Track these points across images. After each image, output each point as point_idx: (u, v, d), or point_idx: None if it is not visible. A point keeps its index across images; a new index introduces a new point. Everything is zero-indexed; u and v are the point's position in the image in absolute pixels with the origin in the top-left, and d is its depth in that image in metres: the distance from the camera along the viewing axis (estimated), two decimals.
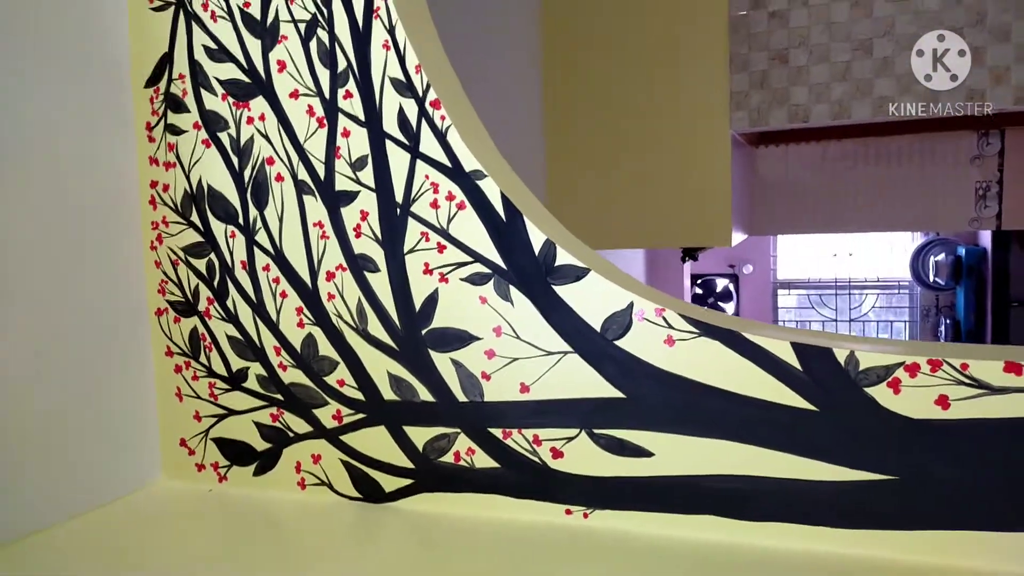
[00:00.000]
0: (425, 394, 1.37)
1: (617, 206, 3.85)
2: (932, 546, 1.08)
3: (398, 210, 1.37)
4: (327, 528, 1.41)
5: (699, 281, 7.37)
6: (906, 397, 1.08)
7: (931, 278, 6.57)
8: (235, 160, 1.49)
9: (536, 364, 1.29)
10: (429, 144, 1.34)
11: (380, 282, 1.39)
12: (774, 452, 1.16)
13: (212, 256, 1.53)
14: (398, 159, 1.37)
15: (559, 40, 3.86)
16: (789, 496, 1.15)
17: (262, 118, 1.46)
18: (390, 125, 1.37)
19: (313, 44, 1.42)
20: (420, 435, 1.38)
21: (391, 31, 1.36)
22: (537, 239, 1.28)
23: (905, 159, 4.62)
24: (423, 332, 1.36)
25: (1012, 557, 1.05)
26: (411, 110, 1.35)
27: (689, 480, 1.21)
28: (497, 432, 1.33)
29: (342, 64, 1.40)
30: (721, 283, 7.32)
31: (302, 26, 1.42)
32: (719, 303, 7.36)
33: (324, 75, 1.42)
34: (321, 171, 1.43)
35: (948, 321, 6.69)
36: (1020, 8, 3.17)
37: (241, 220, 1.49)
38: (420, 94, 1.35)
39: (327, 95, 1.41)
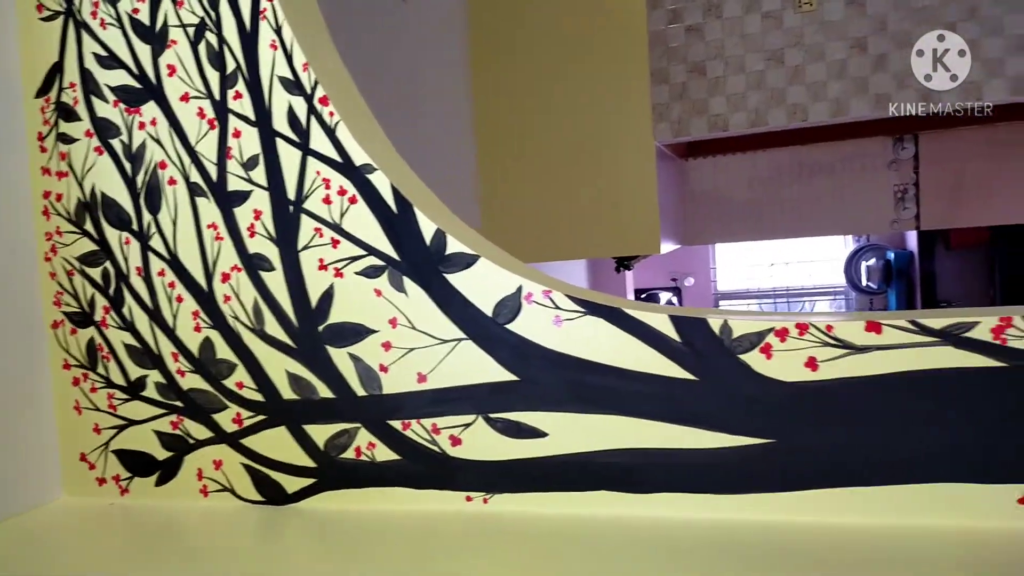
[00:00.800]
0: (324, 391, 1.37)
1: (549, 219, 3.90)
2: (809, 505, 1.11)
3: (291, 207, 1.37)
4: (230, 535, 1.38)
5: (643, 295, 7.47)
6: (778, 361, 1.12)
7: (864, 283, 6.79)
8: (128, 166, 1.48)
9: (432, 353, 1.30)
10: (319, 140, 1.36)
11: (276, 281, 1.39)
12: (659, 423, 1.18)
13: (107, 264, 1.50)
14: (289, 157, 1.37)
15: (487, 58, 3.93)
16: (675, 466, 1.17)
17: (153, 123, 1.46)
18: (280, 123, 1.38)
19: (202, 47, 1.42)
20: (321, 433, 1.38)
21: (278, 31, 1.37)
22: (428, 229, 1.30)
23: (827, 166, 4.80)
24: (320, 328, 1.36)
25: (882, 510, 1.08)
26: (300, 108, 1.37)
27: (582, 458, 1.23)
28: (396, 424, 1.33)
29: (231, 66, 1.41)
30: (664, 296, 7.43)
31: (191, 30, 1.43)
32: None
33: (214, 77, 1.42)
34: (213, 172, 1.42)
35: None
36: (919, 16, 3.35)
37: (135, 226, 1.48)
38: (308, 91, 1.36)
39: (217, 97, 1.42)
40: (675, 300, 7.44)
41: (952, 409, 1.05)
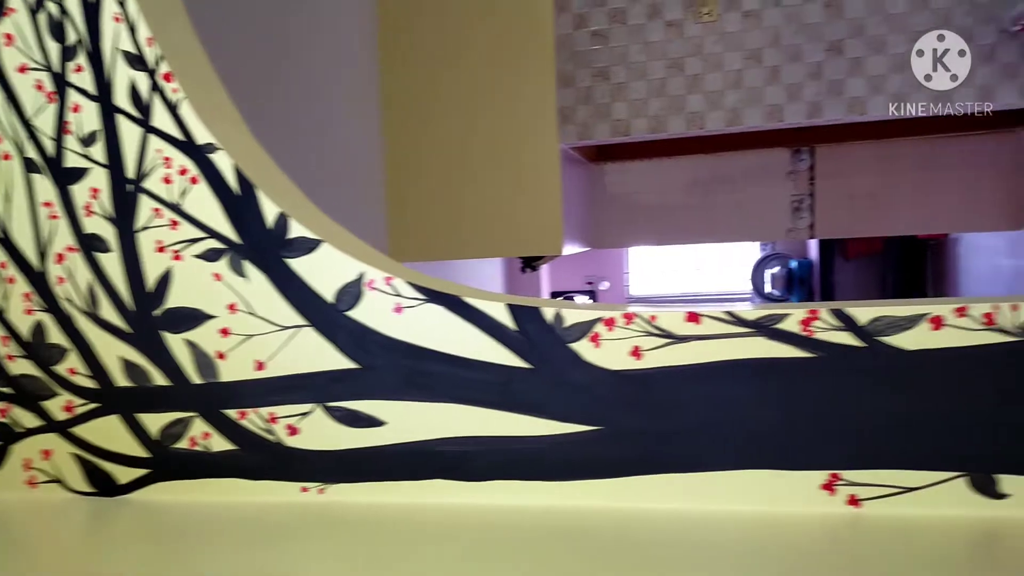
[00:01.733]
0: (159, 378, 1.32)
1: (454, 218, 3.89)
2: (631, 491, 1.14)
3: (130, 186, 1.32)
4: (57, 527, 1.32)
5: (558, 298, 7.54)
6: (605, 350, 1.14)
7: (768, 289, 7.04)
8: None
9: (271, 340, 1.27)
10: (161, 118, 1.31)
11: (112, 262, 1.33)
12: (495, 411, 1.18)
13: None
14: (129, 134, 1.32)
15: (396, 57, 3.89)
16: (508, 453, 1.18)
17: None
18: (121, 99, 1.32)
19: (42, 17, 1.35)
20: (155, 421, 1.32)
21: (122, 3, 1.31)
22: (270, 212, 1.27)
23: (730, 176, 4.96)
24: (156, 313, 1.31)
25: (697, 496, 1.12)
26: (143, 83, 1.31)
27: (419, 446, 1.22)
28: (233, 413, 1.29)
29: (72, 37, 1.34)
30: (579, 299, 7.52)
31: None
32: None
33: (54, 49, 1.35)
34: (50, 148, 1.35)
35: None
36: (809, 32, 3.49)
37: None
38: (152, 66, 1.31)
39: (57, 69, 1.35)
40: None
41: (763, 398, 1.09)
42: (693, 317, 1.11)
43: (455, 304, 1.19)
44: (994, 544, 1.04)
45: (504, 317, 1.18)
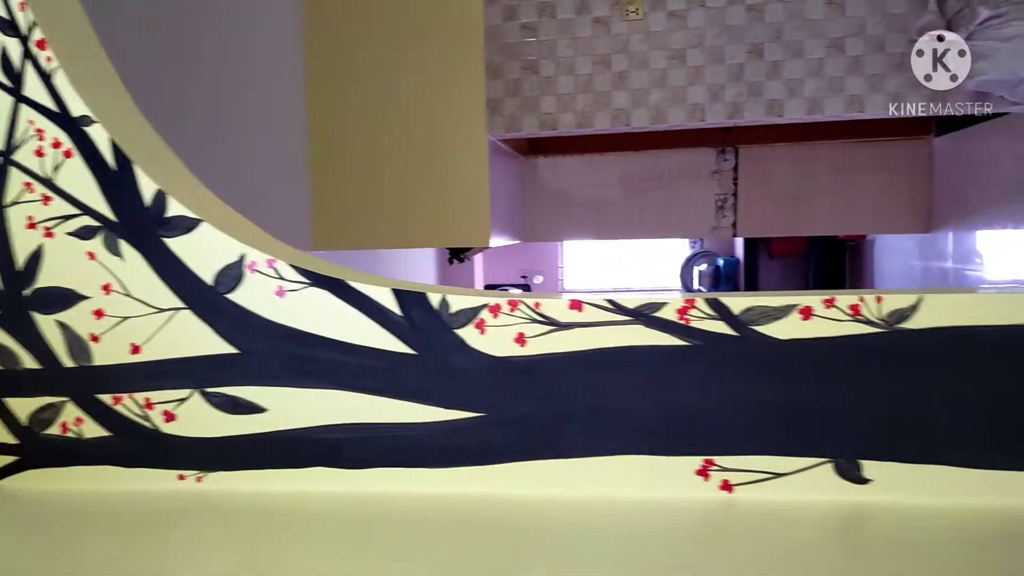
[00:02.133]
0: (29, 361, 1.25)
1: (381, 207, 3.84)
2: (517, 478, 1.14)
3: None
4: None
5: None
6: (490, 336, 1.13)
7: (695, 286, 7.19)
8: None
9: (147, 323, 1.22)
10: (34, 87, 1.24)
11: None
12: (378, 398, 1.16)
13: None
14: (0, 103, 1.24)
15: (322, 44, 3.80)
16: (390, 441, 1.16)
17: None
18: None
19: None
20: (24, 407, 1.26)
21: None
22: (148, 189, 1.22)
23: (658, 173, 5.04)
24: (26, 293, 1.24)
25: (584, 482, 1.12)
26: (14, 50, 1.24)
27: (299, 433, 1.19)
28: (107, 398, 1.23)
29: None
30: (515, 293, 7.54)
31: None
32: None
33: None
34: None
35: None
36: (732, 34, 3.57)
37: None
38: (25, 32, 1.24)
39: None
40: None
41: (641, 385, 1.10)
42: (576, 305, 1.11)
43: (339, 288, 1.17)
44: (858, 527, 1.07)
45: (389, 302, 1.16)
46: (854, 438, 1.06)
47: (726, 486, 1.09)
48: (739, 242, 7.14)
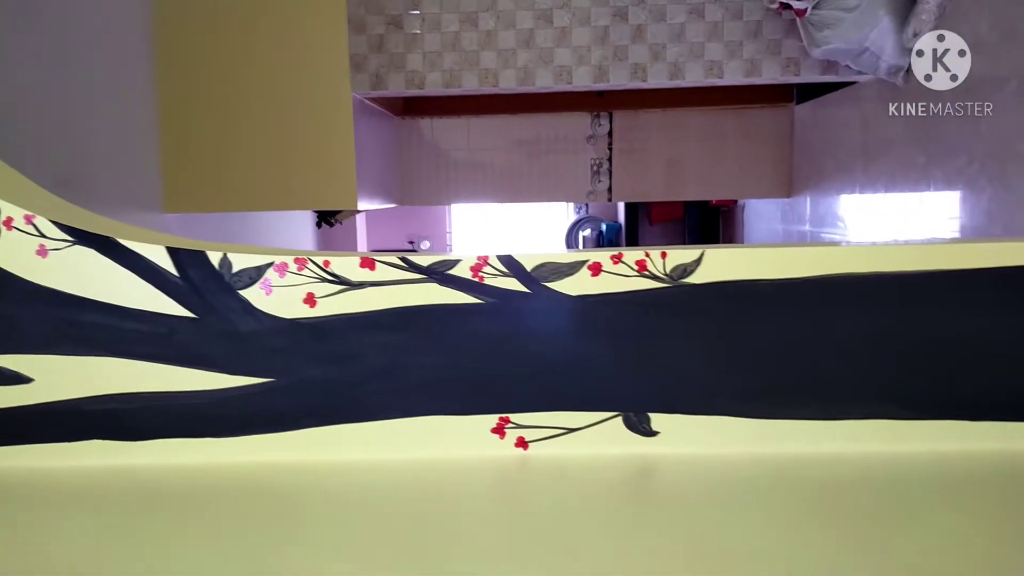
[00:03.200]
0: None
1: (239, 168, 3.64)
2: (309, 444, 1.09)
3: None
4: None
5: None
6: (277, 297, 1.07)
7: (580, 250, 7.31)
8: None
9: None
10: None
11: None
12: (156, 365, 1.08)
13: None
14: None
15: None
16: (171, 410, 1.09)
17: None
18: None
19: None
20: None
21: None
22: None
23: (536, 137, 5.04)
24: None
25: (380, 445, 1.09)
26: None
27: (70, 405, 1.09)
28: None
29: None
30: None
31: None
32: None
33: None
34: None
35: None
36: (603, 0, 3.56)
37: None
38: None
39: None
40: None
41: (436, 344, 1.08)
42: (368, 263, 1.07)
43: (108, 246, 1.07)
44: (647, 477, 1.09)
45: (164, 261, 1.07)
46: (642, 392, 1.08)
47: (521, 443, 1.09)
48: (621, 208, 7.29)
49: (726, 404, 1.07)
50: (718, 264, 1.06)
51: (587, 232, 7.38)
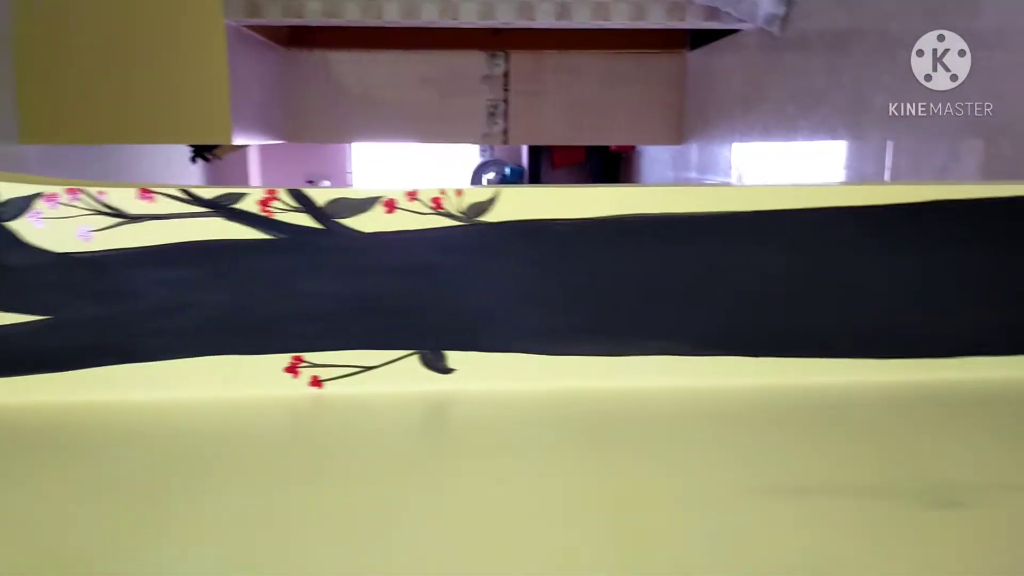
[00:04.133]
0: None
1: (105, 97, 3.41)
2: (87, 384, 1.04)
3: None
4: None
5: None
6: (49, 230, 1.01)
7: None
8: None
9: None
10: None
11: None
12: None
13: None
14: None
15: None
16: None
17: None
18: None
19: None
20: None
21: None
22: None
23: (429, 75, 4.91)
24: None
25: (167, 385, 1.06)
26: None
27: None
28: None
29: None
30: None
31: None
32: None
33: None
34: None
35: None
36: None
37: None
38: None
39: None
40: None
41: (223, 281, 1.04)
42: (146, 194, 1.02)
43: None
44: (443, 412, 1.11)
45: None
46: (438, 330, 1.08)
47: (316, 382, 1.08)
48: (525, 151, 7.27)
49: (521, 342, 1.09)
50: (514, 203, 1.06)
51: (491, 175, 7.34)
